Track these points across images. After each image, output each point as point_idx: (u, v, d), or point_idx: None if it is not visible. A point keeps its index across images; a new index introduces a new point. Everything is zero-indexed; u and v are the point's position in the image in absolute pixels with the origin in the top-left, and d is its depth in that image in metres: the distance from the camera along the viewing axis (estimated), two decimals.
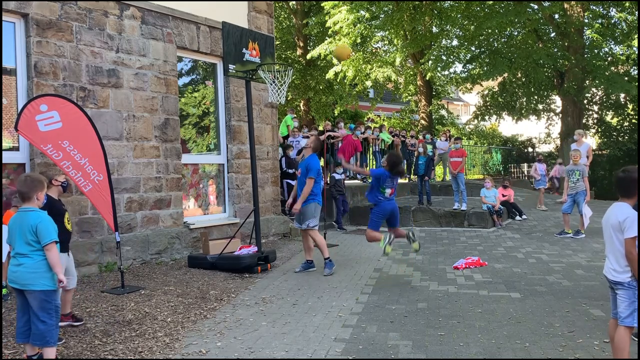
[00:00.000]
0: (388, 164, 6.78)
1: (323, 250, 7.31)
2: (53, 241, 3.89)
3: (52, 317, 3.92)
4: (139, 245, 7.77)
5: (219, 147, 9.56)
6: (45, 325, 3.88)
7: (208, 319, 5.29)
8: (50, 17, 6.91)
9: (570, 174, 9.78)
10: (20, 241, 3.90)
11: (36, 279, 3.86)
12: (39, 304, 3.88)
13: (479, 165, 23.54)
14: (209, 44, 9.08)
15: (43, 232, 3.87)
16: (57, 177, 5.09)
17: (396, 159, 6.92)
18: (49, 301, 3.91)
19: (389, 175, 6.70)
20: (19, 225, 3.93)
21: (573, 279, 6.70)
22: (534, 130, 29.53)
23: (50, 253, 3.87)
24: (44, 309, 3.89)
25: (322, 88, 23.52)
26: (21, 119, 6.00)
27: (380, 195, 6.74)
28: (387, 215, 6.84)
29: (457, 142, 12.33)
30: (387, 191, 6.74)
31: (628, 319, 3.56)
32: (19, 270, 3.88)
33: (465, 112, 45.77)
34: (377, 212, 6.81)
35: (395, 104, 33.28)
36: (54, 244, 3.89)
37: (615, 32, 20.56)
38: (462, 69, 22.24)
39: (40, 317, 3.87)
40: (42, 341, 3.90)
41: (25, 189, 3.98)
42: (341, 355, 4.30)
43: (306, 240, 7.49)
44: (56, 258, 3.90)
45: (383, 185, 6.70)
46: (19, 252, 3.90)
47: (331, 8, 19.56)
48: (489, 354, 4.27)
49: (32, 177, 4.16)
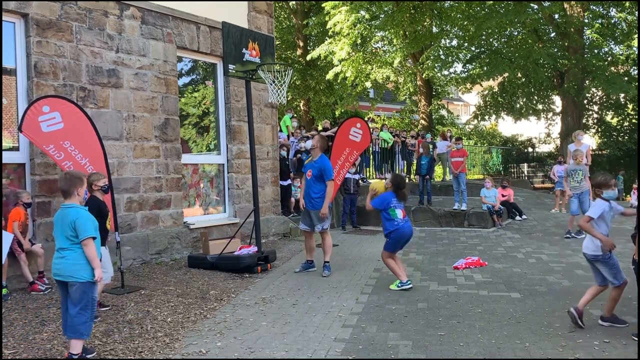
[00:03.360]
0: (392, 185, 6.51)
1: (328, 253, 7.27)
2: (90, 237, 4.01)
3: (87, 309, 4.05)
4: (139, 245, 7.77)
5: (219, 147, 9.56)
6: (80, 317, 4.01)
7: (208, 319, 5.29)
8: (50, 17, 6.91)
9: (573, 174, 9.77)
10: (62, 236, 4.06)
11: (78, 271, 4.01)
12: (78, 295, 4.01)
13: (479, 165, 23.54)
14: (209, 44, 9.08)
15: (80, 227, 4.00)
16: (97, 182, 5.38)
17: (401, 180, 6.62)
18: (87, 293, 4.04)
19: (393, 196, 6.42)
20: (60, 221, 4.09)
21: (573, 279, 6.70)
22: (534, 130, 29.53)
23: (87, 248, 4.01)
24: (81, 300, 4.02)
25: (322, 88, 23.51)
26: (25, 120, 6.09)
27: (394, 220, 6.38)
28: (405, 241, 6.51)
29: (458, 142, 12.34)
30: (397, 212, 6.39)
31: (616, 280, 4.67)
32: (62, 263, 4.03)
33: (465, 112, 45.77)
34: (395, 237, 6.40)
35: (395, 104, 33.28)
36: (90, 240, 4.02)
37: (615, 32, 20.57)
38: (462, 69, 22.25)
39: (76, 309, 4.01)
40: (76, 333, 4.03)
41: (66, 186, 4.14)
42: (341, 355, 4.30)
43: (310, 241, 7.44)
44: (93, 253, 4.04)
45: (391, 207, 6.40)
46: (61, 247, 4.06)
47: (331, 8, 19.55)
48: (489, 354, 4.27)
49: (71, 175, 4.28)
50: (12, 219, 6.18)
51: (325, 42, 20.40)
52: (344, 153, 9.53)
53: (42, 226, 6.77)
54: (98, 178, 5.44)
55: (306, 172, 7.33)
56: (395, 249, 6.50)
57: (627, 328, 4.69)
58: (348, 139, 9.49)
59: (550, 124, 26.05)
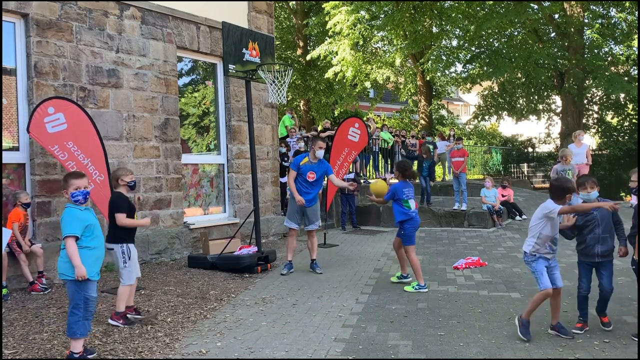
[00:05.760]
0: (398, 171, 6.62)
1: (314, 251, 7.39)
2: (69, 235, 4.02)
3: (78, 308, 4.05)
4: (139, 245, 7.74)
5: (219, 147, 9.56)
6: (72, 316, 4.04)
7: (208, 319, 5.29)
8: (50, 17, 6.91)
9: (563, 174, 9.76)
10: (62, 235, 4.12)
11: (67, 269, 4.04)
12: (70, 294, 4.09)
13: (479, 165, 23.54)
14: (209, 44, 9.08)
15: (63, 226, 4.06)
16: (123, 177, 5.25)
17: (404, 163, 6.82)
18: (77, 291, 4.05)
19: (402, 185, 6.49)
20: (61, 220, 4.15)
21: (573, 279, 6.68)
22: (534, 130, 29.50)
23: (66, 246, 4.02)
24: (72, 299, 4.06)
25: (322, 88, 23.51)
26: (32, 122, 6.26)
27: (407, 210, 6.45)
28: (417, 229, 6.59)
29: (459, 142, 12.36)
30: (410, 203, 6.46)
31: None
32: (59, 261, 4.10)
33: (465, 112, 45.75)
34: (409, 227, 6.47)
35: (395, 104, 33.30)
36: (69, 239, 4.01)
37: (615, 32, 20.57)
38: (462, 69, 22.25)
39: (69, 308, 4.07)
40: (69, 331, 4.08)
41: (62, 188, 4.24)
42: (341, 355, 4.30)
43: (294, 240, 7.45)
44: (71, 251, 4.01)
45: (403, 198, 6.44)
46: (61, 246, 4.10)
47: (331, 8, 19.55)
48: (489, 354, 4.27)
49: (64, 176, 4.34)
50: (12, 220, 6.18)
51: (325, 42, 20.40)
52: (342, 153, 9.54)
53: (42, 226, 6.77)
54: (125, 173, 5.27)
55: (306, 174, 7.29)
56: (413, 239, 6.53)
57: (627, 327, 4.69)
58: (347, 139, 9.50)
59: (550, 124, 26.03)
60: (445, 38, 21.56)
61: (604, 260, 4.72)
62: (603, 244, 4.69)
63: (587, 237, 4.73)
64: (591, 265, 4.80)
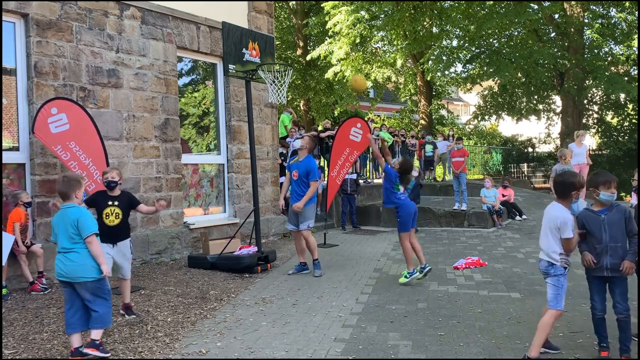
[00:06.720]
0: (400, 168, 6.74)
1: (314, 251, 7.24)
2: (92, 233, 4.09)
3: (107, 300, 4.21)
4: (139, 245, 7.77)
5: (219, 147, 9.56)
6: (103, 308, 4.16)
7: (208, 319, 5.29)
8: (50, 17, 6.91)
9: None
10: (64, 236, 4.12)
11: (85, 271, 4.08)
12: (92, 292, 4.13)
13: (479, 165, 23.54)
14: (209, 44, 9.08)
15: (83, 225, 4.08)
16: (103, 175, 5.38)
17: (408, 166, 6.89)
18: (100, 287, 4.17)
19: (398, 176, 6.72)
20: (62, 222, 4.14)
21: (573, 279, 6.68)
22: (534, 130, 29.50)
23: (92, 245, 4.09)
24: (98, 295, 4.15)
25: (322, 88, 23.51)
26: (36, 123, 6.34)
27: (398, 194, 6.69)
28: (412, 215, 6.71)
29: (459, 142, 12.36)
30: (400, 187, 6.74)
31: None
32: (68, 265, 4.09)
33: (465, 112, 45.75)
34: (403, 213, 6.66)
35: (395, 104, 33.29)
36: (94, 236, 4.10)
37: (615, 32, 20.56)
38: (462, 69, 22.25)
39: (97, 303, 4.14)
40: (102, 323, 4.17)
41: (64, 189, 4.23)
42: (341, 355, 4.30)
43: (299, 242, 7.36)
44: (98, 249, 4.12)
45: (396, 182, 6.70)
46: (64, 247, 4.12)
47: (331, 8, 19.55)
48: (489, 354, 4.27)
49: (69, 178, 4.36)
50: (13, 220, 6.17)
51: (325, 42, 20.40)
52: (344, 153, 9.53)
53: (42, 226, 6.77)
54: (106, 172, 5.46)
55: (292, 172, 7.25)
56: (408, 226, 6.64)
57: None
58: (348, 139, 9.48)
59: (550, 124, 26.03)
60: (446, 38, 21.55)
61: (615, 276, 4.03)
62: (613, 255, 4.00)
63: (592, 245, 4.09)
64: (602, 280, 4.11)
